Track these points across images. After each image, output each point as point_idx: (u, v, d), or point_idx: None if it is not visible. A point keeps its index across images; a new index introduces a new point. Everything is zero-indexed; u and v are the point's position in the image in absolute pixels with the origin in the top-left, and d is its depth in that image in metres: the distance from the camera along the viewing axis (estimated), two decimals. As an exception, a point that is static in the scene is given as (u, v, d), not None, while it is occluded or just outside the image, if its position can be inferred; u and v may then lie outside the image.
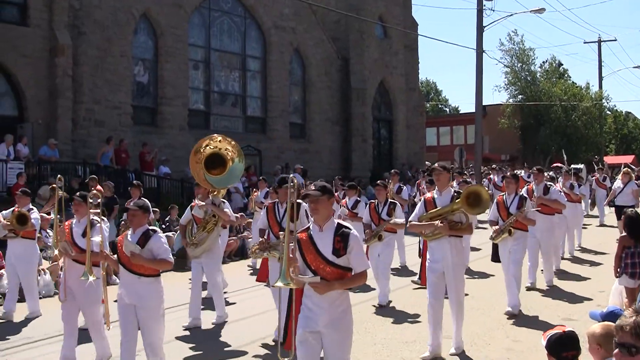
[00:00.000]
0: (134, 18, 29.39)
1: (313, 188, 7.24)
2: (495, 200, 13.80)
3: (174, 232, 20.38)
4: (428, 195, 10.73)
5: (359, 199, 17.41)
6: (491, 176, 31.98)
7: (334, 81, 39.14)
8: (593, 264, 18.72)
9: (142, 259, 8.79)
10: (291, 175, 7.60)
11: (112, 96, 28.34)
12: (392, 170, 21.07)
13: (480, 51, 37.56)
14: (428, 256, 10.57)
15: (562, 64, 69.23)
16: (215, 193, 12.83)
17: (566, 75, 68.47)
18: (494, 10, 54.57)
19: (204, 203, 12.75)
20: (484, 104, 41.37)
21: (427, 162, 43.95)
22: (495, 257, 14.05)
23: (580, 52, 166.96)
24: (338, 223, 7.10)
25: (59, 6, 26.36)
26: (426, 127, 49.16)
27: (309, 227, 7.21)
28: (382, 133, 42.81)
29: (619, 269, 10.34)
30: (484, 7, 37.84)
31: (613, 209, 24.74)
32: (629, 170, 24.87)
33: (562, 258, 18.83)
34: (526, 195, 13.91)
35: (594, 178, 30.04)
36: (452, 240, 10.17)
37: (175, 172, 28.42)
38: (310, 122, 37.87)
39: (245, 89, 35.07)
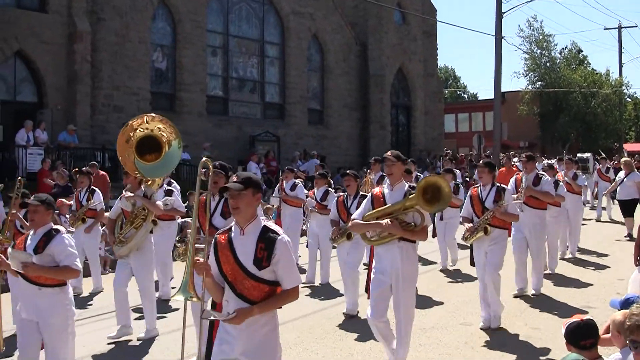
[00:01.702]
0: (152, 4, 29.43)
1: (235, 179, 5.87)
2: (468, 194, 11.71)
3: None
4: (377, 189, 8.92)
5: (329, 189, 15.37)
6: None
7: (352, 67, 39.10)
8: (597, 266, 16.47)
9: (38, 269, 7.41)
10: (204, 158, 6.34)
11: (131, 82, 28.44)
12: (372, 158, 18.72)
13: (499, 37, 37.40)
14: (373, 265, 8.87)
15: (582, 51, 68.85)
16: (149, 183, 10.96)
17: (586, 62, 68.03)
18: (513, -4, 54.21)
19: (131, 194, 10.86)
20: (502, 90, 41.21)
21: (445, 149, 43.85)
22: (474, 261, 11.65)
23: (601, 39, 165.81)
24: (264, 226, 5.75)
25: (78, -8, 26.46)
26: (444, 114, 49.07)
27: (231, 227, 5.87)
28: (400, 119, 42.77)
29: (639, 257, 10.18)
30: (503, -7, 37.68)
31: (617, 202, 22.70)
32: (629, 160, 22.51)
33: (563, 258, 17.15)
34: (505, 186, 11.49)
35: (596, 169, 27.42)
36: (404, 246, 8.41)
37: (194, 159, 28.48)
38: (329, 109, 37.85)
39: (264, 75, 35.09)
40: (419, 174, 20.71)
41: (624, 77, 60.87)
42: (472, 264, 12.04)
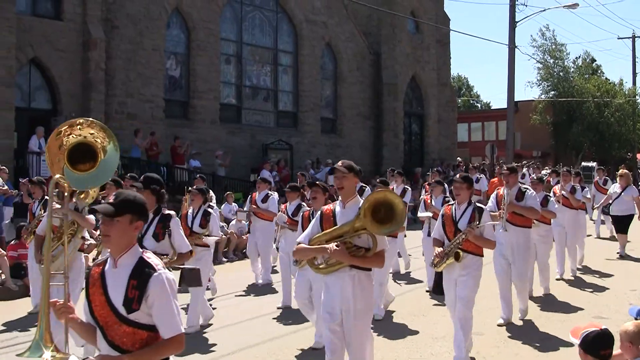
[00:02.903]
0: (166, 12, 29.52)
1: (111, 199, 4.79)
2: (441, 212, 10.31)
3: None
4: (327, 207, 7.60)
5: (302, 203, 13.68)
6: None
7: (366, 76, 39.11)
8: (595, 288, 15.06)
9: None
10: (57, 175, 5.12)
11: (145, 90, 28.51)
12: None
13: (512, 47, 37.39)
14: (322, 297, 7.52)
15: (595, 60, 68.79)
16: (82, 196, 9.60)
17: (599, 71, 67.91)
18: (526, 6, 54.33)
19: (59, 206, 9.45)
20: (515, 99, 41.17)
21: (458, 158, 43.79)
22: (438, 289, 10.14)
23: (614, 48, 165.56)
24: (141, 258, 4.66)
25: (92, 0, 26.53)
26: (457, 123, 48.96)
27: (107, 257, 4.80)
28: (413, 128, 42.73)
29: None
30: (516, 2, 37.71)
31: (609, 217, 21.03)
32: (627, 172, 20.68)
33: (561, 278, 15.89)
34: (483, 207, 9.93)
35: (593, 180, 24.76)
36: (356, 275, 7.11)
37: (205, 166, 28.57)
38: (342, 117, 37.85)
39: (277, 84, 35.12)
40: (407, 187, 18.82)
41: (638, 86, 60.60)
42: (435, 292, 10.72)
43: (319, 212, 7.58)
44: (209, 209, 12.88)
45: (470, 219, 9.47)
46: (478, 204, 9.88)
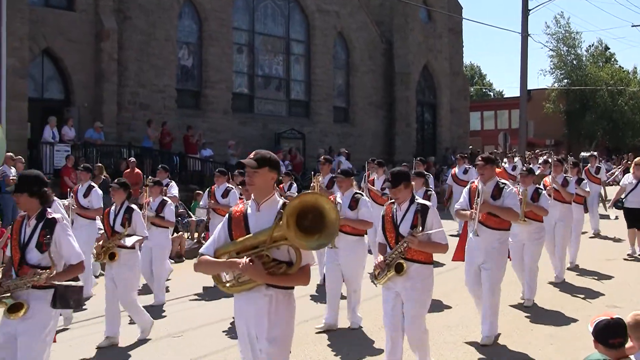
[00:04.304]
0: (178, 2, 29.54)
1: None
2: (381, 212, 8.38)
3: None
4: (236, 209, 6.09)
5: (231, 186, 13.28)
6: (456, 169, 22.95)
7: (378, 65, 39.03)
8: (587, 293, 13.21)
9: None
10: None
11: (157, 80, 28.57)
12: (322, 158, 14.89)
13: (525, 35, 37.28)
14: (235, 318, 6.13)
15: (609, 48, 68.40)
16: None
17: (613, 59, 67.61)
18: (539, -7, 53.92)
19: None
20: (528, 88, 41.07)
21: (470, 147, 43.70)
22: None
23: (628, 36, 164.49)
24: None
25: (105, -9, 26.64)
26: (470, 112, 48.87)
27: None
28: (425, 117, 42.61)
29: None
30: (529, -10, 37.57)
31: (621, 211, 17.96)
32: None
33: (553, 282, 14.23)
34: (429, 205, 8.06)
35: (584, 169, 21.38)
36: (274, 295, 5.67)
37: (218, 155, 28.62)
38: (354, 106, 37.81)
39: (289, 73, 35.11)
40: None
41: (652, 75, 60.52)
42: None
43: (226, 216, 6.06)
44: (134, 206, 11.07)
45: (414, 221, 7.82)
46: (422, 202, 8.12)
